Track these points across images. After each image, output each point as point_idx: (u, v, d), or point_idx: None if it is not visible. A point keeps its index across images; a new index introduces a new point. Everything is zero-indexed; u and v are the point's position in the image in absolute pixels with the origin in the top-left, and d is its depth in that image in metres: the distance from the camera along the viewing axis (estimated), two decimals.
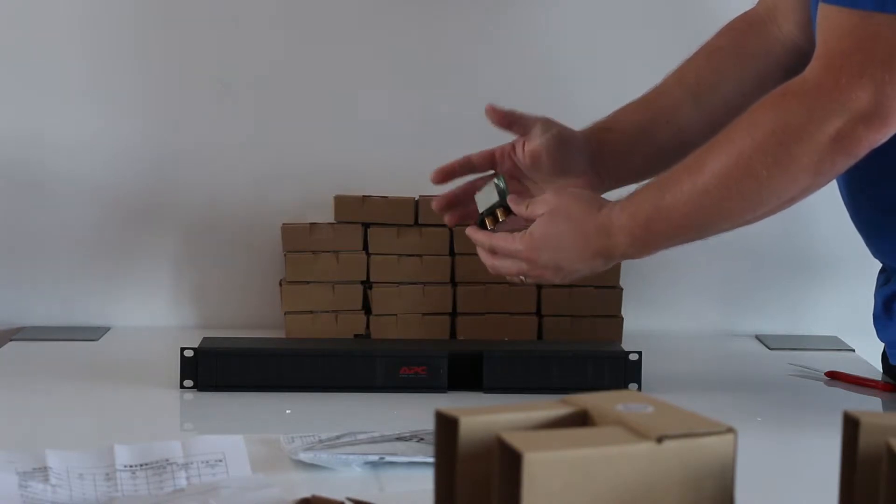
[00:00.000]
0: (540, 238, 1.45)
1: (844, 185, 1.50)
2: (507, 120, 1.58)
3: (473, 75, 1.92)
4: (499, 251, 1.49)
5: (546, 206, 1.47)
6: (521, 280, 1.50)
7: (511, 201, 1.51)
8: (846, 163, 1.32)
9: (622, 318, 1.83)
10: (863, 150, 1.31)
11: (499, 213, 1.53)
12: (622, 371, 1.56)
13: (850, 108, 1.29)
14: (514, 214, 1.51)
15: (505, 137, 1.94)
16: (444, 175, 1.60)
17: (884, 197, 1.45)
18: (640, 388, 1.55)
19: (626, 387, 1.55)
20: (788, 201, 1.36)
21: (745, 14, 1.62)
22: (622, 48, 1.92)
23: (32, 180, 1.91)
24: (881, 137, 1.30)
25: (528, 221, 1.48)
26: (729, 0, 1.67)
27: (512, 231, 1.49)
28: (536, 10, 1.91)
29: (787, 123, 1.31)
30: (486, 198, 1.55)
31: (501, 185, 1.53)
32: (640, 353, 1.57)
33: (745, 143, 1.34)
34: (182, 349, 1.55)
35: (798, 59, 1.54)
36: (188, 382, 1.55)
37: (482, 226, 1.54)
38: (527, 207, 1.48)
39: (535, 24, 1.91)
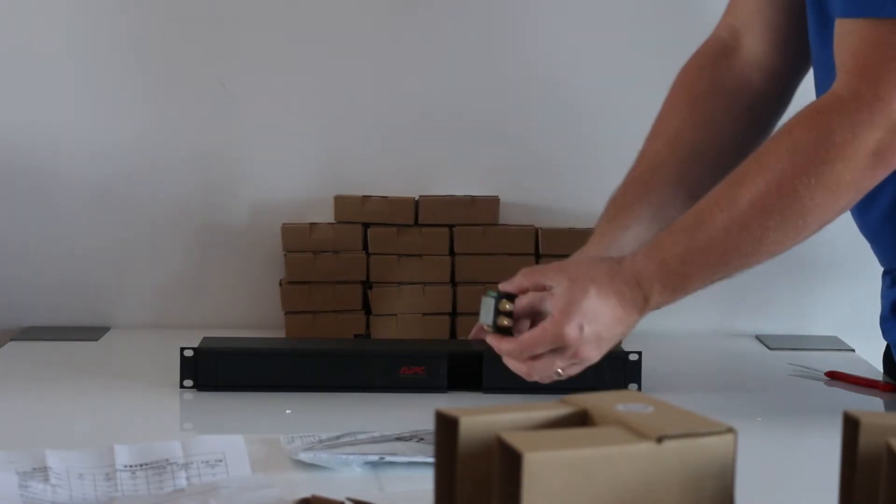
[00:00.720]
0: (569, 309, 1.33)
1: None
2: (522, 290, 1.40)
3: (474, 76, 1.92)
4: (528, 346, 1.35)
5: (560, 274, 1.36)
6: (559, 374, 1.37)
7: (507, 285, 1.38)
8: (884, 174, 1.30)
9: None
10: None
11: (507, 305, 1.38)
12: (622, 371, 1.56)
13: (892, 118, 1.26)
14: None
15: (502, 140, 1.94)
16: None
17: (890, 200, 1.45)
18: (640, 388, 1.55)
19: (626, 387, 1.55)
20: (826, 223, 1.32)
21: (711, 43, 1.57)
22: (621, 48, 1.92)
23: (32, 180, 1.91)
24: None
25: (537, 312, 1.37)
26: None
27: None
28: (537, 11, 1.91)
29: (831, 142, 1.27)
30: (484, 315, 1.41)
31: (493, 293, 1.40)
32: (639, 353, 1.56)
33: (783, 167, 1.29)
34: (182, 349, 1.55)
35: (772, 78, 1.52)
36: (188, 382, 1.55)
37: (498, 331, 1.39)
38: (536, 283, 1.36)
39: (535, 25, 1.91)
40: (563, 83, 1.93)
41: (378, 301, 1.83)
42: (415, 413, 1.40)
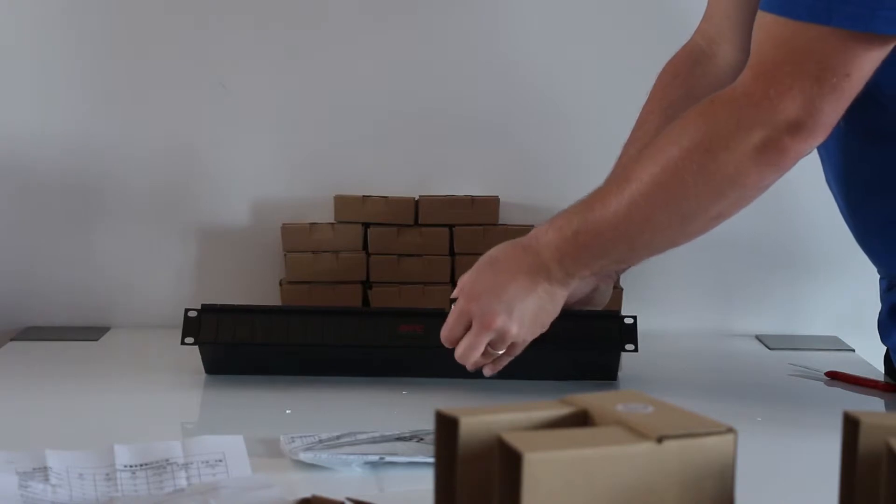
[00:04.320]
0: (472, 284, 1.43)
1: (843, 199, 1.50)
2: None
3: (474, 76, 1.92)
4: (447, 326, 1.44)
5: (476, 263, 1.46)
6: (493, 353, 1.45)
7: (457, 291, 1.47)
8: (773, 175, 1.31)
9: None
10: (789, 161, 1.29)
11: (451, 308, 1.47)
12: (618, 333, 1.55)
13: (777, 118, 1.27)
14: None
15: (502, 140, 1.94)
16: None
17: (886, 210, 1.45)
18: (636, 349, 1.55)
19: (623, 348, 1.55)
20: (716, 216, 1.34)
21: (687, 52, 1.59)
22: (621, 50, 1.92)
23: (32, 181, 1.91)
24: (807, 149, 1.29)
25: None
26: None
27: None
28: (537, 12, 1.91)
29: (715, 131, 1.30)
30: None
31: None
32: (634, 317, 1.56)
33: (672, 151, 1.32)
34: (186, 310, 1.57)
35: None
36: (189, 339, 1.56)
37: None
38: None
39: (535, 25, 1.91)
40: (563, 84, 1.93)
41: (378, 301, 1.83)
42: (415, 413, 1.40)
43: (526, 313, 1.43)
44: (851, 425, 0.83)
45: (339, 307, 1.72)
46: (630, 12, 1.92)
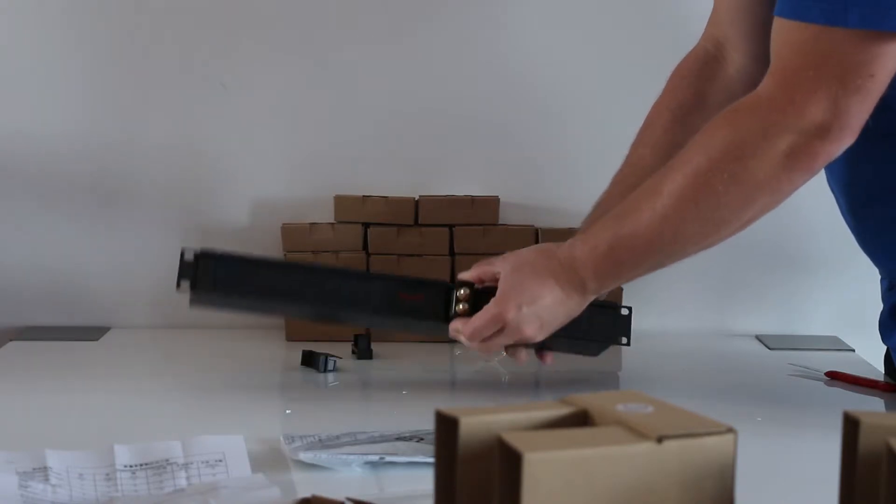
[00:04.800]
0: (509, 291, 1.44)
1: (844, 200, 1.50)
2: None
3: (474, 76, 1.92)
4: (477, 329, 1.45)
5: (505, 262, 1.47)
6: (503, 354, 1.49)
7: (465, 274, 1.49)
8: (803, 178, 1.32)
9: None
10: (819, 164, 1.31)
11: (462, 292, 1.49)
12: (613, 325, 1.55)
13: (803, 123, 1.28)
14: (475, 289, 1.49)
15: (502, 140, 1.94)
16: None
17: (888, 212, 1.45)
18: (629, 343, 1.54)
19: (618, 340, 1.54)
20: (748, 221, 1.36)
21: (695, 55, 1.60)
22: (621, 50, 1.92)
23: (32, 180, 1.91)
24: (837, 151, 1.30)
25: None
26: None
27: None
28: (537, 12, 1.91)
29: (742, 140, 1.31)
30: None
31: (450, 284, 1.52)
32: (630, 307, 1.56)
33: (700, 162, 1.33)
34: (182, 250, 1.49)
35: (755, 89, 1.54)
36: (185, 283, 1.49)
37: (458, 317, 1.49)
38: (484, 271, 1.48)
39: (536, 25, 1.91)
40: (563, 84, 1.93)
41: None
42: (415, 413, 1.40)
43: (555, 323, 1.46)
44: (851, 425, 0.83)
45: (341, 265, 1.70)
46: (630, 13, 1.92)
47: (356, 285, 1.53)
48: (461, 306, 1.49)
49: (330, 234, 1.84)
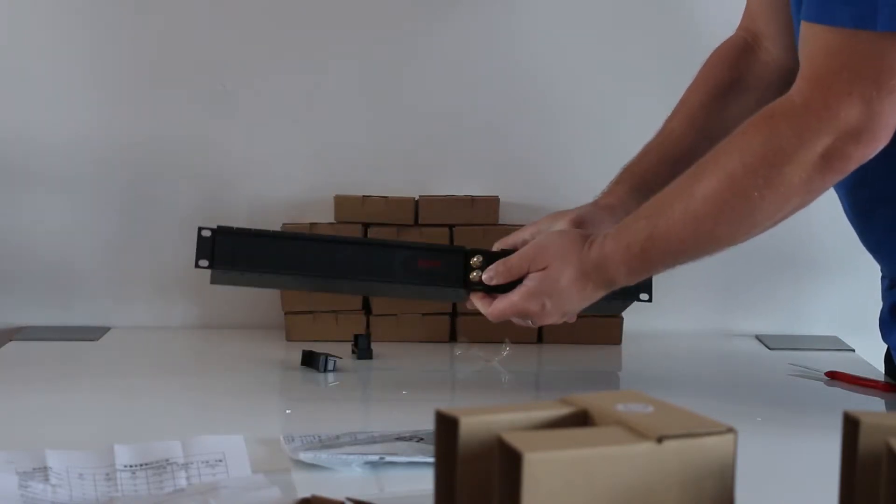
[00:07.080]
0: (540, 289, 1.46)
1: (849, 202, 1.50)
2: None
3: (474, 76, 1.92)
4: (499, 314, 1.49)
5: (536, 250, 1.48)
6: (531, 323, 1.51)
7: (504, 243, 1.53)
8: (835, 179, 1.33)
9: (622, 319, 1.83)
10: (853, 166, 1.31)
11: (475, 260, 1.51)
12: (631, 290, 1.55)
13: (839, 126, 1.28)
14: (488, 254, 1.51)
15: (502, 140, 1.94)
16: None
17: (893, 213, 1.45)
18: (650, 299, 1.56)
19: (637, 297, 1.56)
20: (778, 221, 1.37)
21: (733, 41, 1.62)
22: (621, 51, 1.92)
23: (32, 180, 1.91)
24: (871, 153, 1.30)
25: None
26: (696, 1, 1.66)
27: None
28: (537, 13, 1.91)
29: (778, 146, 1.31)
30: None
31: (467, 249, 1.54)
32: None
33: (735, 166, 1.34)
34: (200, 228, 1.51)
35: (789, 79, 1.54)
36: (203, 262, 1.50)
37: (473, 287, 1.51)
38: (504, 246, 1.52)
39: (536, 26, 1.91)
40: (563, 84, 1.93)
41: (378, 301, 1.83)
42: (415, 413, 1.40)
43: (575, 311, 1.50)
44: (851, 425, 0.83)
45: (360, 236, 1.72)
46: (631, 13, 1.92)
47: (377, 254, 1.54)
48: (475, 273, 1.50)
49: (330, 234, 1.84)
